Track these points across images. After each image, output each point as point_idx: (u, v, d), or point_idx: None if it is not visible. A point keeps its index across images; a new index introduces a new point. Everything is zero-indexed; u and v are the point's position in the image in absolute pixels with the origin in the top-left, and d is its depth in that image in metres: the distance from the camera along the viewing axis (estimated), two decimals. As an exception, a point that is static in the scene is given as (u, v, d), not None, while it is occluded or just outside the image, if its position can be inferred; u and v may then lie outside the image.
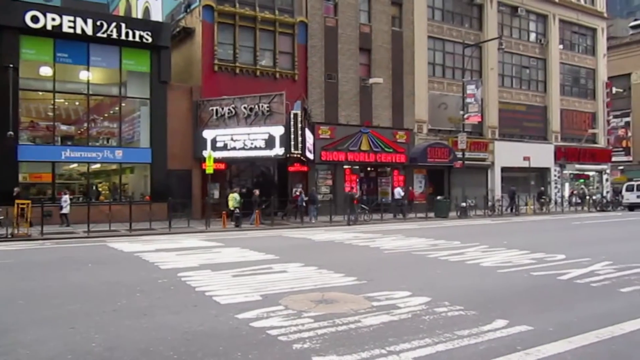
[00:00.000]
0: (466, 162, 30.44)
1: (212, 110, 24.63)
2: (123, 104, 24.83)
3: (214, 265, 10.38)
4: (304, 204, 24.82)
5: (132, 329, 5.71)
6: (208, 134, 24.38)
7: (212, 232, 19.49)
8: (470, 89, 30.52)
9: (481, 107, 32.58)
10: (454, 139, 31.80)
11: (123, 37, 23.34)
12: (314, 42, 28.70)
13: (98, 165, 24.77)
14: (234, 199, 22.33)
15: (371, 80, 29.13)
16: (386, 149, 30.22)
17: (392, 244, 14.38)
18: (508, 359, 4.59)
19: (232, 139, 24.06)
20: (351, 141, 28.81)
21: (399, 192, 28.51)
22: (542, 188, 37.86)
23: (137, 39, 23.61)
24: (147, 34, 23.84)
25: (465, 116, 30.13)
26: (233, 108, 24.27)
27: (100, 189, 25.09)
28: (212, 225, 20.87)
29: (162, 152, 24.41)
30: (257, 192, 23.38)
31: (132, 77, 24.96)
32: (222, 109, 24.45)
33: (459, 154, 30.50)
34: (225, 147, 24.06)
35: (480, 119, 32.82)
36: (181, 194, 23.80)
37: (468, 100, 30.30)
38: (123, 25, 23.53)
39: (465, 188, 29.14)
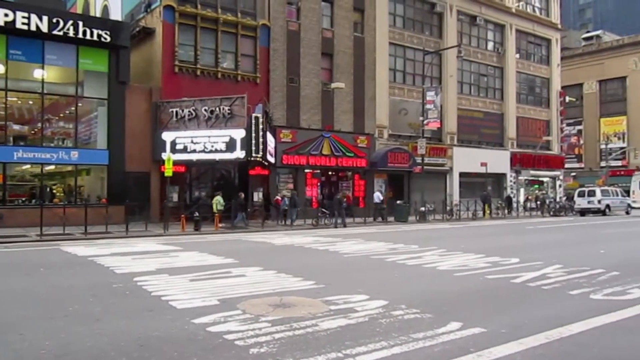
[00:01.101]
0: (425, 167, 30.92)
1: (172, 112, 24.28)
2: (79, 104, 24.20)
3: (171, 269, 10.22)
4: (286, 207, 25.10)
5: (84, 334, 5.56)
6: (167, 136, 24.01)
7: (171, 235, 19.19)
8: (430, 95, 31.07)
9: (440, 113, 33.20)
10: (413, 145, 32.26)
11: (80, 35, 22.75)
12: (276, 45, 28.67)
13: (52, 167, 24.05)
14: (218, 202, 22.51)
15: (333, 85, 29.29)
16: (347, 154, 30.42)
17: (351, 247, 14.47)
18: (461, 361, 4.69)
19: (192, 142, 23.75)
20: (312, 145, 28.89)
21: (378, 196, 28.80)
22: (509, 194, 38.80)
23: (95, 37, 23.05)
24: (106, 33, 23.32)
25: (425, 122, 30.63)
26: (193, 110, 24.00)
27: (54, 191, 24.35)
28: (171, 228, 20.54)
29: (119, 154, 23.91)
30: (242, 194, 23.64)
31: (90, 77, 24.37)
32: (183, 110, 24.14)
33: (419, 159, 30.97)
34: (185, 150, 23.74)
35: (439, 125, 33.45)
36: (139, 197, 23.30)
37: (428, 106, 30.82)
38: (80, 23, 22.94)
39: (425, 193, 29.58)
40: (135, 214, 21.36)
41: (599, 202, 35.50)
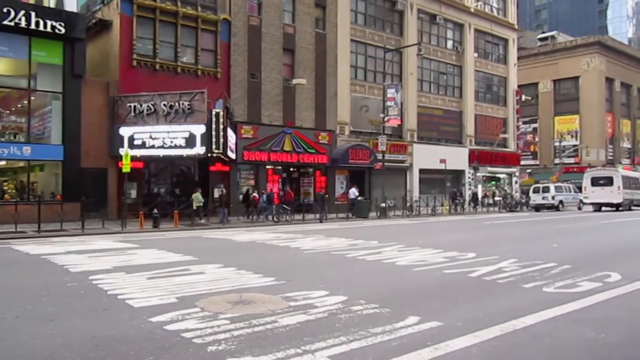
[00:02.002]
0: (386, 163, 31.23)
1: (130, 106, 23.76)
2: (32, 98, 23.41)
3: (128, 267, 10.02)
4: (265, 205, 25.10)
5: (36, 336, 5.39)
6: (125, 131, 23.47)
7: (129, 233, 18.81)
8: (391, 92, 31.39)
9: (401, 110, 33.54)
10: (374, 141, 32.53)
11: (33, 26, 22.03)
12: (237, 40, 28.41)
13: (3, 162, 23.22)
14: (197, 199, 22.59)
15: (294, 81, 29.23)
16: (309, 150, 30.43)
17: (312, 244, 14.50)
18: (419, 354, 4.73)
19: (151, 137, 23.30)
20: (274, 141, 28.78)
21: (353, 192, 29.02)
22: (475, 191, 39.53)
23: (48, 29, 22.36)
24: (60, 25, 22.65)
25: (386, 119, 30.93)
26: (152, 105, 23.54)
27: (5, 188, 23.54)
28: (129, 226, 20.13)
29: (75, 149, 23.27)
30: (224, 190, 23.89)
31: (43, 70, 23.60)
32: (141, 105, 23.64)
33: (379, 156, 31.25)
34: (143, 145, 23.27)
35: (399, 122, 33.81)
36: (96, 194, 22.76)
37: (388, 103, 31.13)
38: (33, 13, 22.22)
39: (385, 189, 29.87)
40: (92, 211, 20.88)
41: (553, 198, 36.62)
